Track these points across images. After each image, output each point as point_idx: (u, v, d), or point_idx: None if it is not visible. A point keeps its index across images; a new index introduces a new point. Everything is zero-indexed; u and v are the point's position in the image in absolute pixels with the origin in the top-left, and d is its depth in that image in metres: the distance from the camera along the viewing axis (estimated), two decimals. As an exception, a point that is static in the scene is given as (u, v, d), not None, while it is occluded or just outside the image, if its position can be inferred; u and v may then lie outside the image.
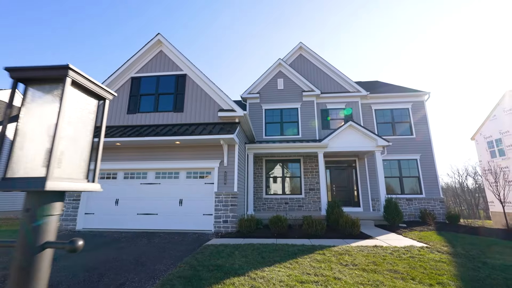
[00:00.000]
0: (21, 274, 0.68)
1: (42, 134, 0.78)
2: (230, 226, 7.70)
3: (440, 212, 11.47)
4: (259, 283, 3.58)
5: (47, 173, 0.69)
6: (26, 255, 0.69)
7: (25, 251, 0.69)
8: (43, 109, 0.81)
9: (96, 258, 5.03)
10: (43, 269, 0.74)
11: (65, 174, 0.80)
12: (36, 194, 0.73)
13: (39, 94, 0.81)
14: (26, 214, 0.71)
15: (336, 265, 4.39)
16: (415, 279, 3.80)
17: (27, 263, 0.69)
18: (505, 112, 17.61)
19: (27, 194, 0.72)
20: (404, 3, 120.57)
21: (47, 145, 0.75)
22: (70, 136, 0.82)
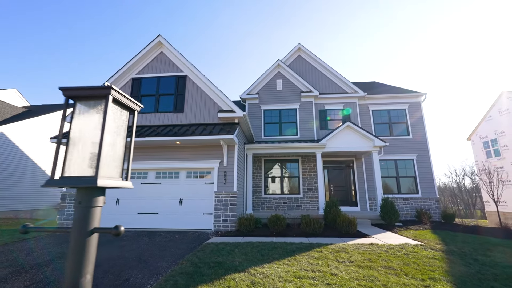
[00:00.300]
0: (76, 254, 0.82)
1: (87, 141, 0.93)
2: (229, 225, 7.84)
3: (436, 211, 11.67)
4: (259, 279, 3.73)
5: (96, 173, 0.84)
6: (79, 239, 0.84)
7: (78, 235, 0.84)
8: (89, 120, 0.96)
9: (99, 256, 5.12)
10: (92, 249, 0.89)
11: (107, 173, 0.95)
12: (86, 189, 0.88)
13: (85, 108, 0.96)
14: (78, 206, 0.86)
15: (333, 262, 4.55)
16: (408, 274, 3.96)
17: (80, 245, 0.84)
18: (501, 113, 17.87)
19: (78, 190, 0.87)
20: (404, 3, 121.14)
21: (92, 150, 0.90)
22: (109, 142, 0.97)
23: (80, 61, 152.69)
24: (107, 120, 0.91)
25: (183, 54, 9.42)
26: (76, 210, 0.90)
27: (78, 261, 0.85)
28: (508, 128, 17.18)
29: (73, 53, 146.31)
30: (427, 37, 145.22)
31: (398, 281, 3.68)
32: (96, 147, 0.90)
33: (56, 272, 4.23)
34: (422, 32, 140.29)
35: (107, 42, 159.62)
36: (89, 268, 0.91)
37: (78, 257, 0.86)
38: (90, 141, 0.93)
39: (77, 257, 0.86)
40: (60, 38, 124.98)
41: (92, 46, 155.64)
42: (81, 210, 0.88)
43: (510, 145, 17.00)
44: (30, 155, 14.67)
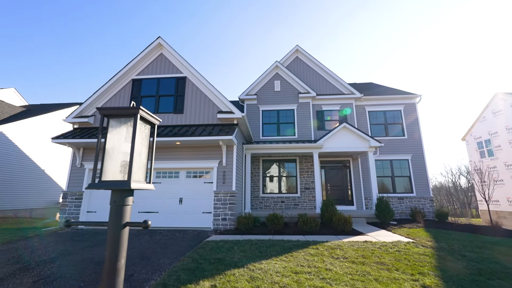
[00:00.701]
0: (113, 243, 1.00)
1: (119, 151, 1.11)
2: (228, 224, 8.03)
3: (430, 210, 11.95)
4: (257, 274, 3.93)
5: (129, 178, 1.03)
6: (115, 231, 1.02)
7: (114, 228, 1.02)
8: (119, 134, 1.14)
9: (103, 253, 5.31)
10: (124, 239, 1.07)
11: (136, 178, 1.13)
12: (119, 191, 1.06)
13: (117, 124, 1.13)
14: (113, 204, 1.05)
15: (328, 258, 4.76)
16: (399, 269, 4.18)
17: (116, 236, 1.02)
18: (494, 114, 18.21)
19: (113, 191, 1.06)
20: (401, 2, 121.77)
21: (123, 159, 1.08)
22: (137, 152, 1.14)
23: (79, 60, 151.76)
24: (136, 133, 1.10)
25: (182, 53, 9.60)
26: (112, 208, 1.09)
27: (114, 248, 1.04)
28: (501, 129, 17.54)
29: (72, 52, 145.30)
30: (423, 37, 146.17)
31: (389, 276, 3.90)
32: (126, 156, 1.09)
33: (62, 269, 4.39)
34: (419, 33, 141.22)
35: (106, 40, 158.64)
36: (123, 254, 1.10)
37: (114, 246, 1.05)
38: (121, 151, 1.11)
39: (114, 246, 1.05)
40: (58, 38, 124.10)
41: (90, 44, 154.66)
42: (116, 208, 1.07)
43: (503, 145, 17.35)
44: (29, 154, 14.74)
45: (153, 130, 1.37)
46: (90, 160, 8.94)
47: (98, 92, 9.39)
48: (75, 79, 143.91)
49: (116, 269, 1.03)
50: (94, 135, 8.47)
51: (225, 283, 3.57)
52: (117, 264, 1.04)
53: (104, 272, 1.03)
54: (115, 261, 1.04)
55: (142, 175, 1.21)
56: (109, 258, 1.03)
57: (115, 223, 1.06)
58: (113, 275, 1.02)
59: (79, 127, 9.42)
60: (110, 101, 9.56)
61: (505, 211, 17.39)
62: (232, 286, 3.46)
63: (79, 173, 8.89)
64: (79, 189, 8.76)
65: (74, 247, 5.93)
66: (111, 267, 1.01)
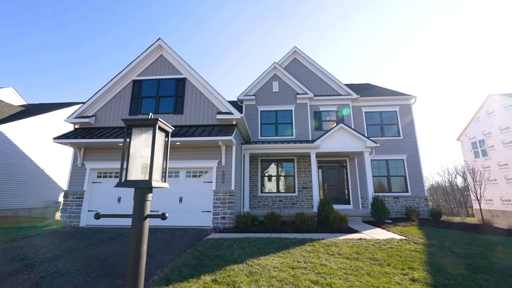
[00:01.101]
0: (136, 232, 1.18)
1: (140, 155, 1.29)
2: (227, 222, 8.21)
3: (425, 209, 12.21)
4: (256, 269, 4.12)
5: (150, 178, 1.21)
6: (138, 222, 1.20)
7: (138, 219, 1.20)
8: (140, 141, 1.32)
9: (106, 251, 5.49)
10: (146, 229, 1.26)
11: (155, 178, 1.31)
12: (142, 189, 1.24)
13: (139, 132, 1.32)
14: (137, 200, 1.23)
15: (324, 255, 4.97)
16: (390, 265, 4.40)
17: (139, 226, 1.20)
18: (488, 115, 18.56)
19: (136, 189, 1.24)
20: (401, 2, 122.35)
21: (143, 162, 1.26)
22: (156, 155, 1.33)
23: (78, 60, 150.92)
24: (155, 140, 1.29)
25: (180, 52, 9.84)
26: (135, 203, 1.27)
27: (138, 236, 1.23)
28: (494, 129, 17.88)
29: (70, 52, 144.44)
30: (421, 38, 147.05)
31: (380, 270, 4.11)
32: (146, 159, 1.28)
33: (67, 265, 4.55)
34: (417, 34, 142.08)
35: (104, 40, 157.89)
36: (145, 240, 1.28)
37: (138, 234, 1.23)
38: (142, 155, 1.30)
39: (138, 234, 1.23)
40: (56, 37, 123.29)
41: (89, 44, 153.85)
42: (139, 203, 1.26)
43: (497, 145, 17.70)
44: (28, 154, 14.81)
45: (167, 136, 1.55)
46: (91, 160, 9.07)
47: (99, 93, 9.52)
48: (72, 78, 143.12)
49: (140, 253, 1.22)
50: (95, 135, 8.61)
51: (225, 278, 3.76)
52: (140, 249, 1.23)
53: (130, 255, 1.22)
54: (139, 246, 1.22)
55: (159, 175, 1.39)
56: (134, 244, 1.22)
57: (138, 215, 1.25)
58: (138, 258, 1.21)
59: (80, 127, 9.54)
60: (111, 102, 9.70)
61: (498, 210, 17.76)
62: (232, 280, 3.65)
63: (80, 173, 9.03)
64: (80, 189, 8.90)
65: (77, 245, 6.09)
66: (136, 251, 1.20)
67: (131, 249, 1.22)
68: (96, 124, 9.55)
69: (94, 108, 9.64)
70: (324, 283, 3.56)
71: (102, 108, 9.67)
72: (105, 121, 9.57)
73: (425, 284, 3.57)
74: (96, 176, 9.21)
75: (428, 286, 3.52)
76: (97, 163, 9.06)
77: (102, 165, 9.06)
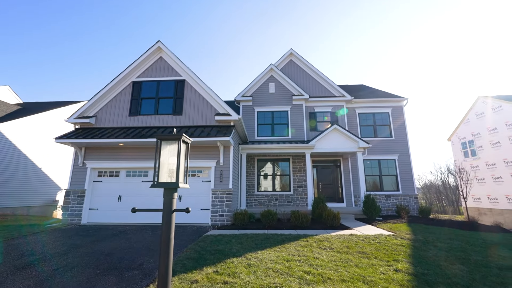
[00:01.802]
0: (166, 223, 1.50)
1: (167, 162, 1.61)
2: (225, 220, 8.54)
3: (415, 207, 12.71)
4: (254, 262, 4.47)
5: (177, 180, 1.52)
6: (167, 215, 1.52)
7: (167, 213, 1.52)
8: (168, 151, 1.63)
9: (111, 246, 5.77)
10: (173, 222, 1.58)
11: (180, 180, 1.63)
12: (170, 189, 1.56)
13: (166, 145, 1.63)
14: (166, 197, 1.54)
15: (316, 249, 5.34)
16: (377, 257, 4.78)
17: (168, 218, 1.52)
18: (477, 116, 19.20)
19: (165, 189, 1.55)
20: (395, 3, 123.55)
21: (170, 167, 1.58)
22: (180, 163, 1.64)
23: (73, 57, 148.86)
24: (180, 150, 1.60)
25: (176, 51, 10.15)
26: (165, 200, 1.59)
27: (168, 225, 1.55)
28: (483, 130, 18.53)
29: (66, 50, 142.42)
30: (415, 39, 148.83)
31: (367, 262, 4.50)
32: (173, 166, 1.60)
33: (76, 259, 4.83)
34: (411, 34, 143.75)
35: (99, 38, 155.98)
36: (173, 228, 1.59)
37: (168, 224, 1.55)
38: (169, 162, 1.62)
39: (167, 224, 1.55)
40: (52, 35, 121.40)
41: (83, 42, 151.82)
42: (168, 200, 1.58)
43: (485, 146, 18.35)
44: (26, 153, 14.89)
45: (187, 147, 1.86)
46: (92, 160, 9.29)
47: (99, 94, 9.73)
48: (68, 76, 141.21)
49: (169, 239, 1.53)
50: (96, 136, 8.83)
51: (226, 269, 4.09)
52: (170, 236, 1.54)
53: (162, 241, 1.53)
54: (169, 234, 1.54)
55: (183, 178, 1.70)
56: (165, 231, 1.53)
57: (168, 209, 1.56)
58: (168, 242, 1.53)
59: (81, 128, 9.74)
60: (111, 103, 9.92)
61: (486, 208, 18.45)
62: (232, 272, 3.99)
63: (81, 172, 9.24)
64: (81, 187, 9.12)
65: (82, 241, 6.36)
66: (166, 237, 1.52)
67: (162, 234, 1.54)
68: (96, 125, 9.76)
69: (95, 108, 9.84)
70: (316, 273, 3.92)
71: (102, 109, 9.88)
72: (105, 122, 9.79)
73: (407, 274, 3.96)
74: (97, 175, 9.44)
75: (409, 275, 3.91)
76: (98, 163, 9.28)
77: (103, 165, 9.29)
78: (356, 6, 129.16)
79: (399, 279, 3.72)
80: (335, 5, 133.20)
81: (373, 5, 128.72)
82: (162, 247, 1.49)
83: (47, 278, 3.90)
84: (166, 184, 1.54)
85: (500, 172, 16.95)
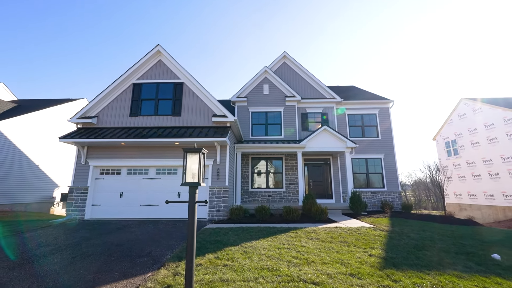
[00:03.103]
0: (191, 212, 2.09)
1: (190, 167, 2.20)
2: (222, 215, 9.17)
3: (398, 203, 13.61)
4: (249, 249, 5.12)
5: (199, 180, 2.12)
6: (192, 206, 2.11)
7: (192, 204, 2.11)
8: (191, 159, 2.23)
9: (118, 238, 6.33)
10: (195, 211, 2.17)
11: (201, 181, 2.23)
12: (193, 187, 2.15)
13: (190, 155, 2.22)
14: (191, 193, 2.14)
15: (304, 239, 6.04)
16: (356, 245, 5.51)
17: (193, 208, 2.11)
18: (460, 117, 20.29)
19: (190, 187, 2.14)
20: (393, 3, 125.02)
21: (194, 172, 2.18)
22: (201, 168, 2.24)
23: (64, 54, 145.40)
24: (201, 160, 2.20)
25: (173, 49, 10.46)
26: (190, 194, 2.17)
27: (192, 214, 2.14)
28: (465, 130, 19.64)
29: (59, 47, 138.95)
30: (405, 39, 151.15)
31: (347, 249, 5.21)
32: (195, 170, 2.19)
33: (89, 249, 5.38)
34: (402, 33, 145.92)
35: (92, 34, 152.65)
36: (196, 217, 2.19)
37: (192, 212, 2.14)
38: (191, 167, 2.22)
39: (192, 212, 2.14)
40: (43, 32, 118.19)
41: (76, 39, 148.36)
42: (192, 194, 2.17)
43: (466, 145, 19.48)
44: (23, 150, 15.12)
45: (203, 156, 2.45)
46: (94, 158, 9.74)
47: (101, 95, 10.14)
48: (63, 73, 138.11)
49: (194, 223, 2.11)
50: (99, 135, 9.29)
51: (225, 255, 4.74)
52: (194, 220, 2.13)
53: (188, 223, 2.12)
54: (193, 221, 2.13)
55: (202, 179, 2.29)
56: (190, 218, 2.12)
57: (192, 201, 2.15)
58: (192, 227, 2.12)
59: (83, 127, 10.16)
60: (112, 103, 10.35)
61: (466, 204, 19.65)
62: (230, 257, 4.63)
63: (83, 170, 9.69)
64: (84, 184, 9.57)
65: (90, 234, 6.89)
66: (191, 224, 2.11)
67: (188, 218, 2.13)
68: (98, 125, 10.19)
69: (96, 109, 10.26)
70: (302, 258, 4.61)
71: (103, 109, 10.30)
72: (106, 122, 10.23)
73: (378, 258, 4.68)
74: (99, 173, 9.91)
75: (380, 259, 4.64)
76: (100, 161, 9.74)
77: (105, 163, 9.76)
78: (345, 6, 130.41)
79: (371, 262, 4.44)
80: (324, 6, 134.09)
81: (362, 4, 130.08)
82: (189, 227, 2.08)
83: (69, 264, 4.46)
84: (192, 184, 2.12)
85: (479, 170, 18.11)
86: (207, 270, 3.94)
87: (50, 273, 4.01)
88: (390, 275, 3.84)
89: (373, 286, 3.46)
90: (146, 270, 4.13)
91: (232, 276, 3.70)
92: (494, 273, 4.04)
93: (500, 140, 16.43)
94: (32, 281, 3.72)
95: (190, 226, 2.10)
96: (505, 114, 16.11)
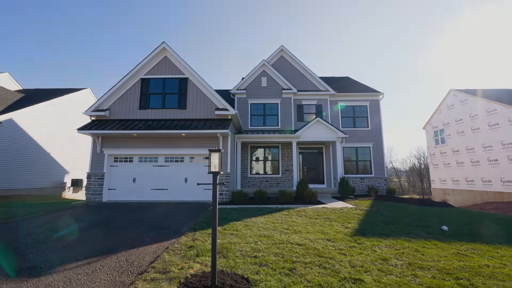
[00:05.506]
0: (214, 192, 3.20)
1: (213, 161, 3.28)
2: (224, 198, 10.40)
3: (384, 188, 14.94)
4: (249, 223, 6.35)
5: (220, 169, 3.19)
6: (214, 187, 3.19)
7: (214, 186, 3.19)
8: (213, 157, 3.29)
9: (139, 216, 7.53)
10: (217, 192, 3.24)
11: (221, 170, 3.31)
12: (216, 174, 3.22)
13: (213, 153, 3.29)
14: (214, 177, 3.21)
15: (295, 216, 7.28)
16: (337, 221, 6.75)
17: (215, 189, 3.19)
18: (448, 108, 21.34)
19: (214, 174, 3.21)
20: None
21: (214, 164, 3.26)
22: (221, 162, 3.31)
23: (58, 43, 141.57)
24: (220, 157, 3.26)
25: (175, 49, 11.24)
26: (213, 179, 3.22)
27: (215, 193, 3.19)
28: (452, 120, 20.77)
29: (53, 38, 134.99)
30: (407, 34, 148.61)
31: (329, 224, 6.45)
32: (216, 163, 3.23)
33: (118, 224, 6.57)
34: (404, 30, 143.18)
35: (86, 24, 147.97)
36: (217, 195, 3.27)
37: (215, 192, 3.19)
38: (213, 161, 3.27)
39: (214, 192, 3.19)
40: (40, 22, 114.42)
41: (69, 32, 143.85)
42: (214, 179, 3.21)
43: (452, 134, 20.70)
44: (36, 139, 16.09)
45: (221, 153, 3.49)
46: (108, 147, 10.78)
47: (113, 89, 11.03)
48: (57, 67, 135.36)
49: (216, 198, 3.19)
50: (113, 127, 10.28)
51: (230, 227, 5.95)
52: (216, 199, 3.22)
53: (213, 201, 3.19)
54: (215, 197, 3.21)
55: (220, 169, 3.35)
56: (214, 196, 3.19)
57: (215, 183, 3.21)
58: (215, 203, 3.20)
59: (97, 119, 11.12)
60: (123, 97, 11.26)
61: (449, 189, 21.13)
62: (235, 229, 5.84)
63: (99, 158, 10.76)
64: (101, 171, 10.68)
65: (113, 213, 8.09)
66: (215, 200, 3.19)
67: (212, 197, 3.20)
68: (110, 117, 11.15)
69: (108, 102, 11.18)
70: (291, 229, 5.83)
71: (115, 103, 11.23)
72: (118, 114, 11.18)
73: (352, 229, 5.92)
74: (113, 161, 11.00)
75: (353, 230, 5.87)
76: (113, 150, 10.80)
77: (118, 152, 10.83)
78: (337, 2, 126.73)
79: (345, 232, 5.68)
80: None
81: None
82: (213, 204, 3.15)
83: (108, 233, 5.65)
84: (215, 173, 3.18)
85: (462, 157, 19.42)
86: (218, 237, 5.12)
87: (98, 239, 5.20)
88: (357, 239, 5.08)
89: (342, 245, 4.68)
90: (170, 237, 5.33)
91: (237, 240, 4.92)
92: (436, 238, 5.30)
93: (482, 130, 17.61)
94: (87, 244, 4.91)
95: (213, 200, 3.17)
96: (488, 106, 17.19)
